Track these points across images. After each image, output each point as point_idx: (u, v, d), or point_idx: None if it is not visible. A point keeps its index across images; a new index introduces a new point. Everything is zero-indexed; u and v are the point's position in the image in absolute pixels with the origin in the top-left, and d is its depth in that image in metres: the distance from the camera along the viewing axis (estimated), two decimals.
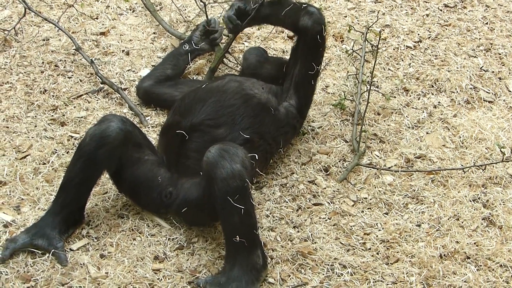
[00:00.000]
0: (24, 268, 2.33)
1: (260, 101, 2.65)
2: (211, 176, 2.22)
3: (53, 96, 3.07)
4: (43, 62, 3.26)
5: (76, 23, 3.53)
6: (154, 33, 3.51)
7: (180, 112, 2.64)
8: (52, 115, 2.98)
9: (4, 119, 2.92)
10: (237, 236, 2.21)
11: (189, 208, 2.41)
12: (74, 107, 3.03)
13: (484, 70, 3.33)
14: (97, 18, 3.58)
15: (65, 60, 3.29)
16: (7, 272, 2.30)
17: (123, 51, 3.37)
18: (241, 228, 2.23)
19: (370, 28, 3.29)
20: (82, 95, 3.10)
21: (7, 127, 2.88)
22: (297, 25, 2.70)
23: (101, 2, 3.69)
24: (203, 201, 2.35)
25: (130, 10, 3.66)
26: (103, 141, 2.40)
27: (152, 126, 2.97)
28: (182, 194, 2.44)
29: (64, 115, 2.98)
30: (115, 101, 3.09)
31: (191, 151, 2.50)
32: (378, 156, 2.87)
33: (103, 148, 2.40)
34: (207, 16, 3.21)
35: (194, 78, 3.25)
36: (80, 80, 3.18)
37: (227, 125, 2.54)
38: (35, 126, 2.91)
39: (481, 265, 2.41)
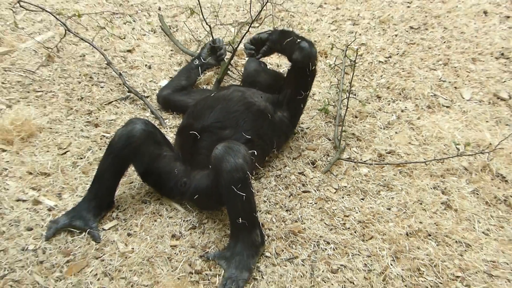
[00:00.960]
0: (64, 244, 2.33)
1: (259, 108, 2.65)
2: (218, 168, 2.22)
3: (88, 102, 3.07)
4: (80, 74, 3.26)
5: (107, 42, 3.53)
6: (171, 50, 3.50)
7: (193, 116, 2.64)
8: (87, 118, 2.98)
9: (48, 122, 2.92)
10: (240, 218, 2.22)
11: (200, 195, 2.41)
12: (106, 111, 3.03)
13: (442, 81, 3.33)
14: (124, 38, 3.58)
15: (98, 73, 3.29)
16: (50, 248, 2.31)
17: (145, 65, 3.37)
18: (243, 211, 2.23)
19: (349, 46, 3.30)
20: (112, 101, 3.10)
21: (50, 128, 2.88)
22: (291, 57, 2.68)
23: (127, 24, 3.69)
24: (212, 189, 2.35)
25: (152, 31, 3.66)
26: (129, 140, 2.41)
27: (170, 128, 2.97)
28: (194, 183, 2.44)
29: (97, 118, 2.98)
30: (139, 106, 3.09)
31: (202, 148, 2.50)
32: (355, 152, 2.87)
33: (129, 146, 2.41)
34: (212, 37, 3.22)
35: (204, 87, 3.25)
36: (111, 89, 3.18)
37: (232, 127, 2.54)
38: (74, 127, 2.91)
39: (440, 241, 2.41)
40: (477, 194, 2.65)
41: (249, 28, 3.00)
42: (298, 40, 2.63)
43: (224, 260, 2.26)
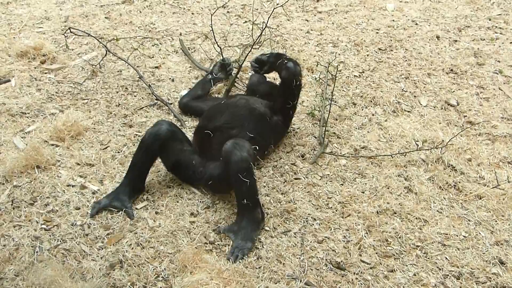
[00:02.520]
0: (105, 221, 2.30)
1: (260, 112, 2.61)
2: (227, 160, 2.20)
3: (124, 108, 3.03)
4: (117, 86, 3.22)
5: (139, 60, 3.49)
6: (190, 67, 3.47)
7: (207, 118, 2.61)
8: (123, 121, 2.94)
9: (92, 123, 2.88)
10: (245, 200, 2.19)
11: (213, 181, 2.38)
12: (138, 115, 2.99)
13: (404, 91, 3.29)
14: (153, 57, 3.54)
15: (132, 85, 3.25)
16: (94, 223, 2.28)
17: (169, 78, 3.32)
18: (247, 194, 2.20)
19: (330, 64, 3.25)
20: (143, 107, 3.05)
21: (94, 128, 2.85)
22: (280, 75, 2.66)
23: (155, 46, 3.65)
24: (222, 176, 2.32)
25: (174, 52, 3.62)
26: (156, 137, 2.38)
27: (189, 128, 2.92)
28: (208, 172, 2.41)
29: (131, 120, 2.94)
30: (165, 111, 3.04)
31: (214, 144, 2.46)
32: (336, 147, 2.83)
33: (157, 142, 2.38)
34: (222, 56, 3.20)
35: (216, 96, 3.21)
36: (142, 98, 3.14)
37: (238, 128, 2.50)
38: (113, 127, 2.87)
39: (403, 218, 2.39)
40: (433, 180, 2.61)
41: (251, 49, 2.99)
42: (285, 61, 2.60)
43: (232, 233, 2.23)
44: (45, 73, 3.30)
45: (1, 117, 2.88)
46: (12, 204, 2.34)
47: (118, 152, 2.70)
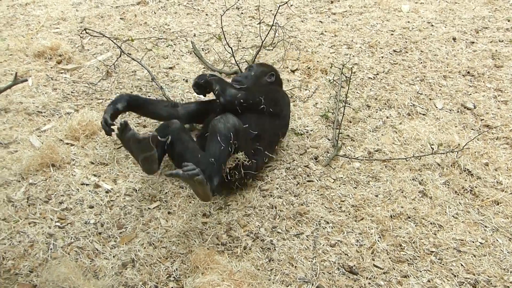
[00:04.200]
0: (118, 220, 2.30)
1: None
2: (212, 130, 2.27)
3: None
4: (131, 86, 3.23)
5: (154, 61, 3.50)
6: (204, 68, 3.47)
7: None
8: (137, 121, 2.95)
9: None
10: (212, 159, 2.20)
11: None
12: None
13: (419, 93, 3.25)
14: (167, 58, 3.55)
15: (146, 85, 3.26)
16: (107, 222, 2.27)
17: (183, 79, 3.33)
18: (217, 156, 2.22)
19: (344, 65, 3.24)
20: None
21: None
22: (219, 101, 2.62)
23: (169, 47, 3.66)
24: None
25: (188, 53, 3.63)
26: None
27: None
28: None
29: (145, 120, 2.95)
30: None
31: None
32: (350, 150, 2.80)
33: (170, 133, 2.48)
34: (235, 59, 3.20)
35: None
36: (155, 98, 3.15)
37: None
38: None
39: (417, 223, 2.35)
40: (448, 185, 2.57)
41: (259, 50, 2.98)
42: (216, 90, 2.54)
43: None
44: (61, 73, 3.33)
45: (18, 115, 2.91)
46: (27, 201, 2.36)
47: None
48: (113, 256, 2.13)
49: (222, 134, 2.22)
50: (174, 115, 2.70)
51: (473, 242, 2.26)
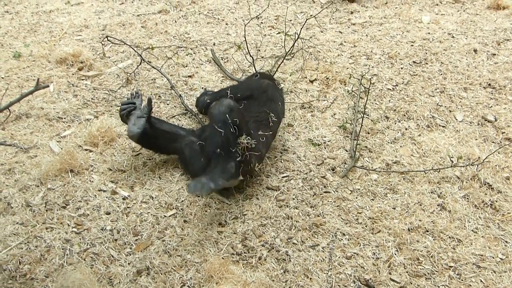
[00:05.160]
0: (134, 227, 2.31)
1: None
2: (209, 116, 2.37)
3: (157, 116, 3.05)
4: (151, 94, 3.26)
5: (173, 69, 3.53)
6: (222, 77, 3.48)
7: None
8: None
9: (125, 130, 2.90)
10: (218, 149, 2.24)
11: None
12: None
13: (439, 105, 3.20)
14: (186, 66, 3.57)
15: (165, 93, 3.28)
16: (123, 229, 2.28)
17: (202, 88, 3.34)
18: (222, 144, 2.25)
19: (363, 76, 3.21)
20: (175, 115, 3.08)
21: (127, 135, 2.87)
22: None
23: (189, 56, 3.69)
24: None
25: (207, 62, 3.65)
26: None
27: None
28: None
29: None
30: (196, 120, 3.06)
31: None
32: (367, 161, 2.77)
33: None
34: (255, 68, 3.19)
35: None
36: (174, 106, 3.17)
37: None
38: None
39: (436, 236, 2.30)
40: (468, 198, 2.51)
41: (283, 60, 2.96)
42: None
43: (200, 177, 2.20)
44: (82, 79, 3.38)
45: (39, 121, 2.96)
46: (45, 206, 2.39)
47: (149, 159, 2.72)
48: (128, 263, 2.13)
49: (219, 120, 2.26)
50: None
51: (493, 257, 2.20)
